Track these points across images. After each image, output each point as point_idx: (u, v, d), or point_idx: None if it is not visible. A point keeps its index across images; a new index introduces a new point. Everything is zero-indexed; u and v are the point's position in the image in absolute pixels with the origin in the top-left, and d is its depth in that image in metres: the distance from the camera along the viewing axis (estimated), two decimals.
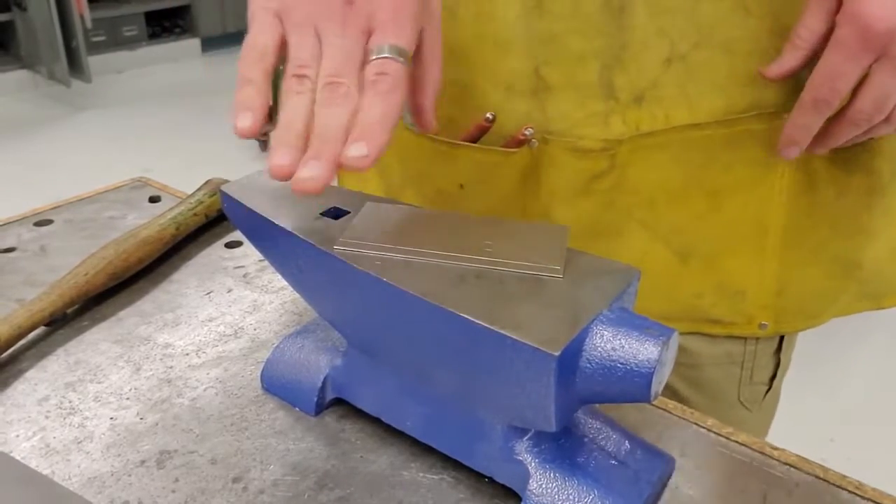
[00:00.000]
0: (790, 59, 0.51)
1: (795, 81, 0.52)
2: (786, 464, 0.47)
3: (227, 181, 0.62)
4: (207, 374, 0.54)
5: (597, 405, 0.46)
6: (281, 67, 0.42)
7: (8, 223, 0.74)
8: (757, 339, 0.62)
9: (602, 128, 0.55)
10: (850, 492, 0.45)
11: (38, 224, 0.74)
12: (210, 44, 4.52)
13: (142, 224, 0.67)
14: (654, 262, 0.59)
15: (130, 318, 0.60)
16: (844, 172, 0.56)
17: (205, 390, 0.53)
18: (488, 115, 0.56)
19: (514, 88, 0.56)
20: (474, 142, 0.58)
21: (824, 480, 0.45)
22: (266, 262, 0.66)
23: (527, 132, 0.56)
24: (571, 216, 0.57)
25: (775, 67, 0.52)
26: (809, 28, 0.50)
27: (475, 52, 0.56)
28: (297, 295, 0.56)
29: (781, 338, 0.64)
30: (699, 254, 0.58)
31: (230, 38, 4.50)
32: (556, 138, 0.56)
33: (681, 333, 0.58)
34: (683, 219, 0.58)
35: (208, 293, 0.64)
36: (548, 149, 0.56)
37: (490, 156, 0.58)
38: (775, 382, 0.66)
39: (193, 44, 4.50)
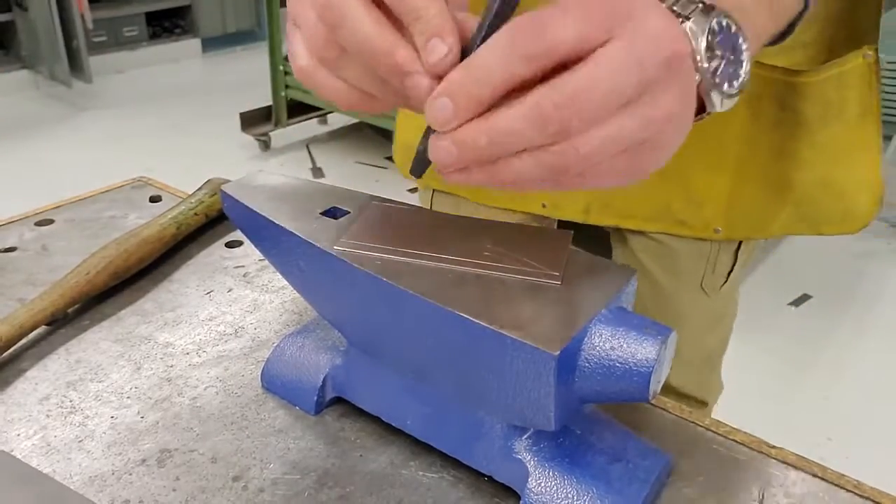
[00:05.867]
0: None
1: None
2: (784, 462, 0.47)
3: (227, 181, 0.62)
4: (208, 373, 0.54)
5: (596, 404, 0.46)
6: None
7: (9, 223, 0.74)
8: (720, 242, 0.75)
9: None
10: (848, 490, 0.45)
11: (40, 224, 0.74)
12: (210, 44, 4.51)
13: (142, 224, 0.67)
14: None
15: (131, 318, 0.60)
16: (778, 108, 0.68)
17: (205, 389, 0.53)
18: None
19: None
20: None
21: (822, 479, 0.46)
22: (266, 262, 0.66)
23: None
24: None
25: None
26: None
27: None
28: (297, 294, 0.56)
29: (740, 242, 0.78)
30: (673, 170, 0.64)
31: (230, 38, 4.49)
32: None
33: (657, 232, 0.76)
34: None
35: (209, 292, 0.64)
36: None
37: None
38: (732, 275, 0.80)
39: (194, 44, 4.50)
